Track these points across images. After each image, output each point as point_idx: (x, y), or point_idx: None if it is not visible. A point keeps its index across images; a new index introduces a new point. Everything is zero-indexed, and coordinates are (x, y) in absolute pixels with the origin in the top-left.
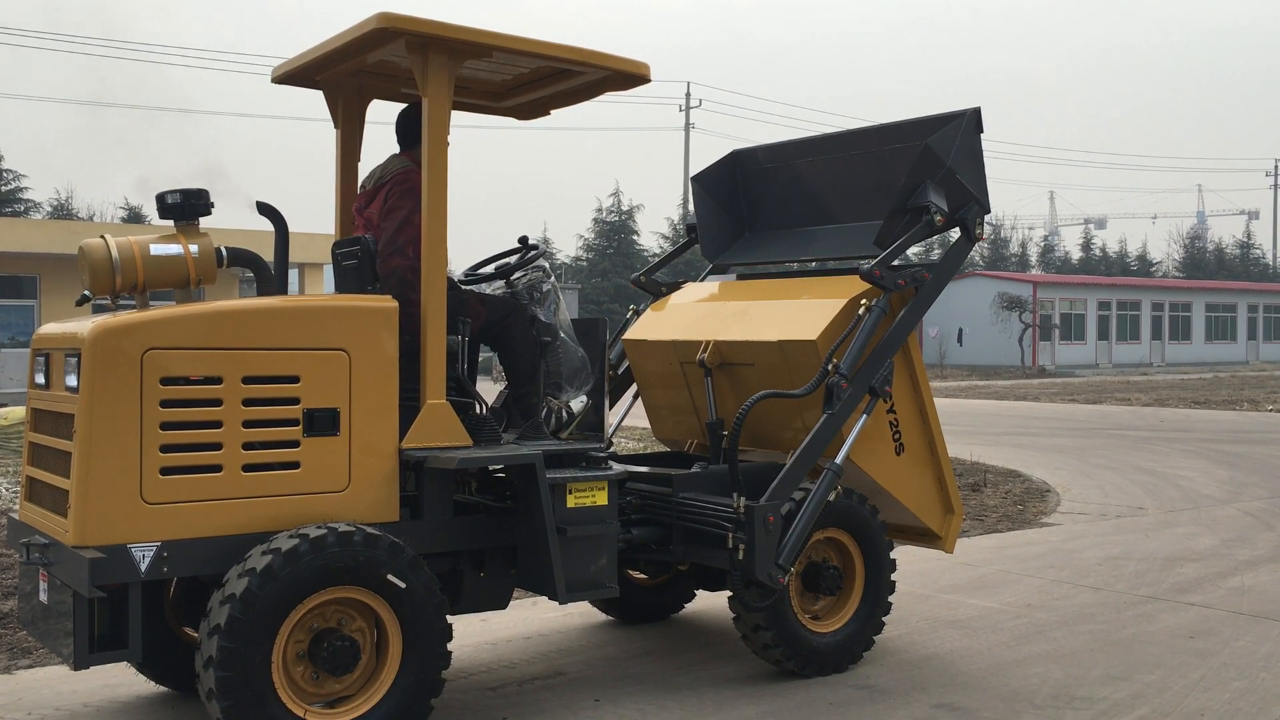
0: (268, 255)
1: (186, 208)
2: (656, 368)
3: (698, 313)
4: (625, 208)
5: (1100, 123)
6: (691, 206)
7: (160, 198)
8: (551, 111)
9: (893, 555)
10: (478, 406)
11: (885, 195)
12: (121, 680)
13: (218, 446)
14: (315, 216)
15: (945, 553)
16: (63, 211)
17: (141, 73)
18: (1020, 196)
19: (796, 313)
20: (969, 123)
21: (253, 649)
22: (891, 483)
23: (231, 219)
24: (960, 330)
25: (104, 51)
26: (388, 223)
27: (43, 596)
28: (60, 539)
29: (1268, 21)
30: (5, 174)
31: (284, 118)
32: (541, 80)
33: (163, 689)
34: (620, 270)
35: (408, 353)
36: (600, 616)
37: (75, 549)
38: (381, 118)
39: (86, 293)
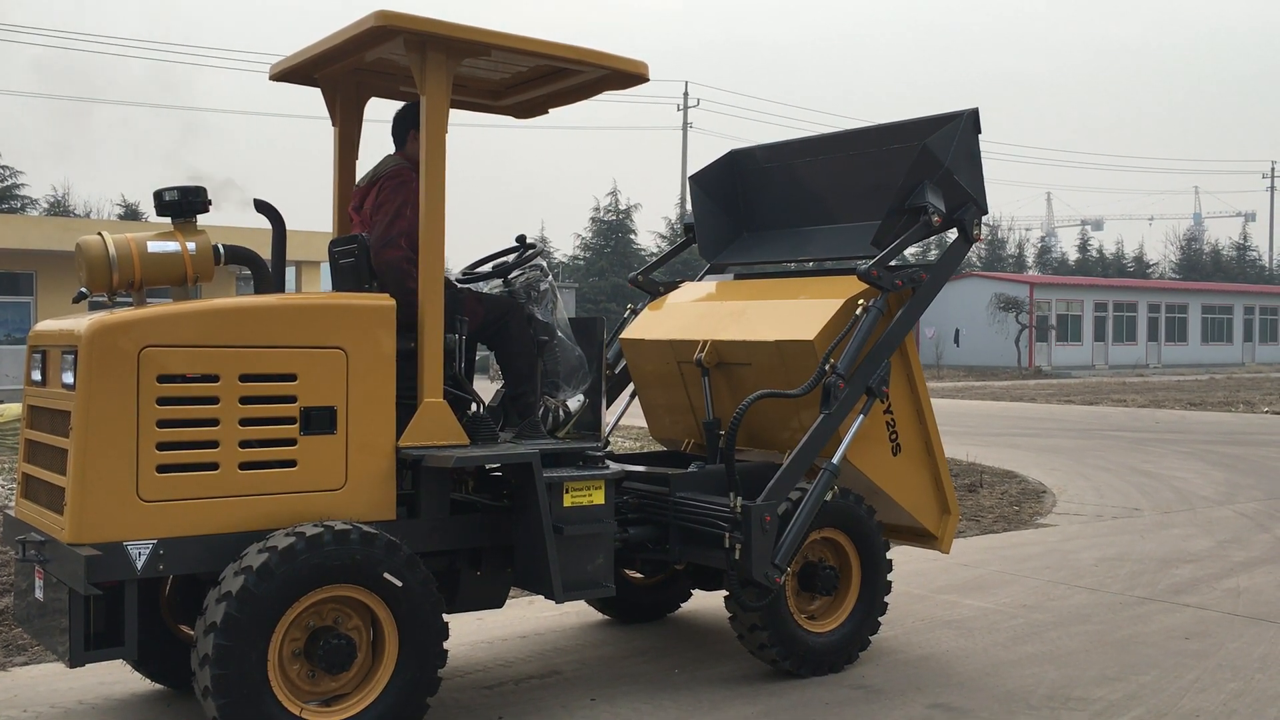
0: (265, 253)
1: (184, 205)
2: (653, 367)
3: (695, 312)
4: (623, 207)
5: (1097, 124)
6: (689, 206)
7: (158, 195)
8: (550, 110)
9: (889, 556)
10: (475, 405)
11: (883, 196)
12: (117, 678)
13: (214, 444)
14: (313, 214)
15: (941, 553)
16: (59, 208)
17: (139, 69)
18: (1017, 197)
19: (794, 313)
20: (967, 123)
21: (249, 647)
22: (888, 483)
23: (229, 217)
24: (957, 331)
25: (103, 48)
26: (379, 216)
27: (38, 594)
28: (56, 536)
29: (1266, 24)
30: (2, 170)
31: (282, 115)
32: (540, 79)
33: (158, 687)
34: (618, 269)
35: (408, 346)
36: (597, 615)
37: (71, 546)
38: (380, 116)
39: (84, 290)
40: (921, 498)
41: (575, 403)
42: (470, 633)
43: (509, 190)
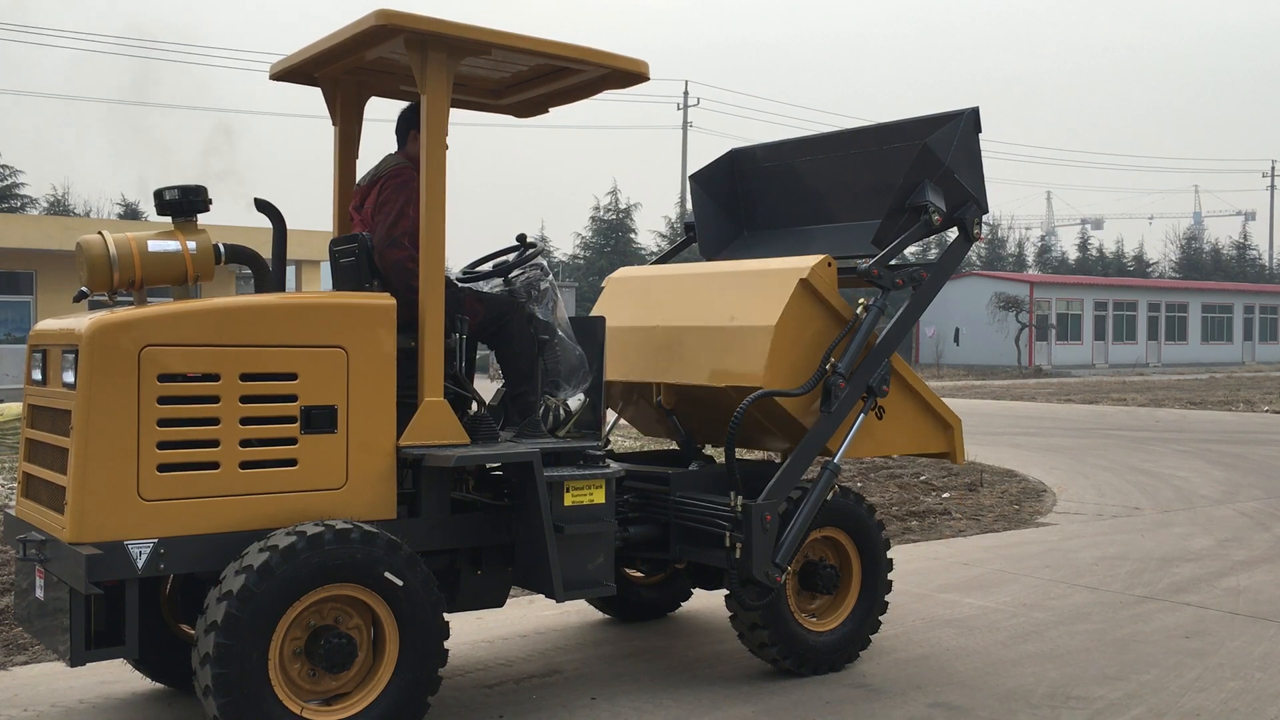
0: (266, 252)
1: (184, 204)
2: (619, 397)
3: (629, 343)
4: (623, 206)
5: (1097, 123)
6: (689, 205)
7: (158, 194)
8: (550, 109)
9: (890, 554)
10: (475, 404)
11: (883, 194)
12: (118, 677)
13: (215, 443)
14: (313, 214)
15: (956, 464)
16: (59, 207)
17: (139, 67)
18: (1017, 196)
19: (731, 344)
20: (967, 122)
21: (249, 646)
22: (887, 449)
23: (230, 216)
24: (957, 330)
25: (100, 46)
26: (381, 216)
27: (39, 593)
28: (57, 535)
29: (1266, 23)
30: (2, 169)
31: (283, 114)
32: (540, 78)
33: (159, 686)
34: (618, 268)
35: (410, 346)
36: (597, 614)
37: (72, 545)
38: (380, 115)
39: (84, 289)
40: (920, 435)
41: (576, 402)
42: (471, 632)
43: (509, 189)
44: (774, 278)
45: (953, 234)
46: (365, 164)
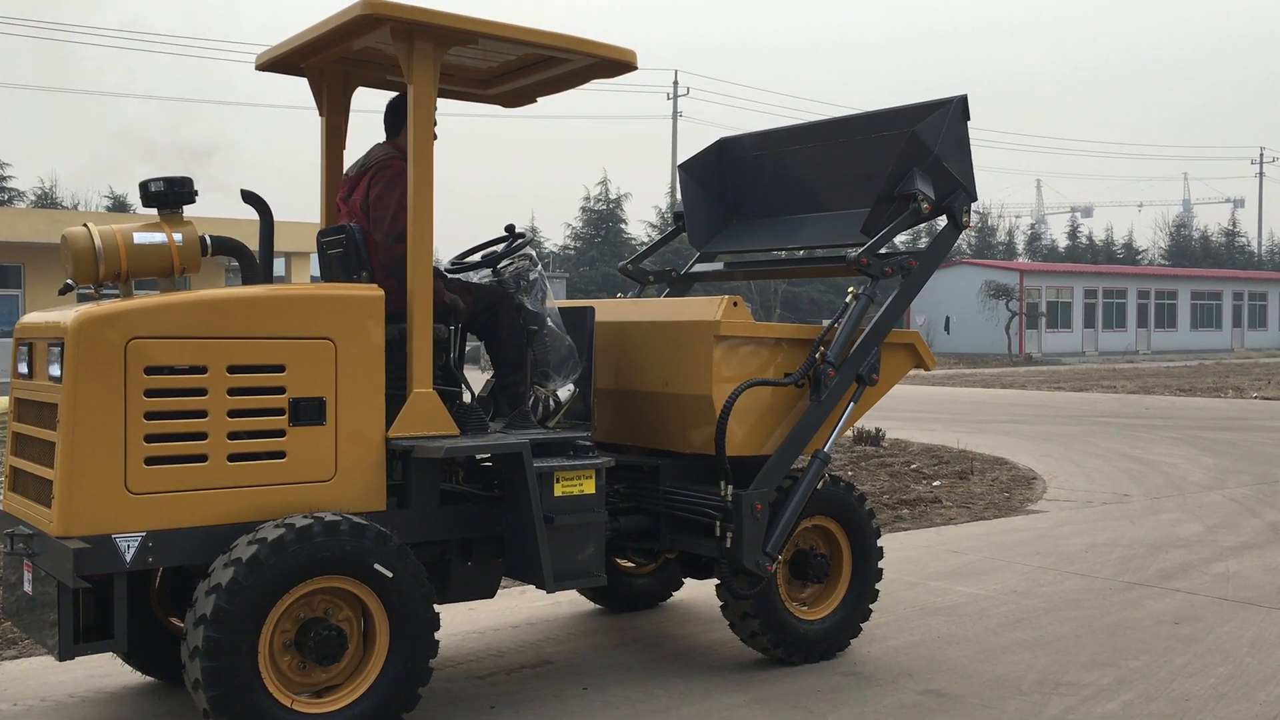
0: (253, 244)
1: (170, 196)
2: None
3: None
4: (613, 196)
5: (1087, 111)
6: (679, 195)
7: (144, 186)
8: (538, 99)
9: (880, 542)
10: (465, 395)
11: (872, 183)
12: (107, 671)
13: (203, 436)
14: (301, 205)
15: (929, 368)
16: (47, 200)
17: (124, 59)
18: (1007, 184)
19: (681, 412)
20: (956, 110)
21: (239, 639)
22: (874, 401)
23: (217, 207)
24: (947, 318)
25: (87, 38)
26: (379, 210)
27: (27, 587)
28: (44, 529)
29: (1256, 10)
30: None
31: (269, 105)
32: (528, 67)
33: (149, 679)
34: (608, 259)
35: (403, 339)
36: (588, 605)
37: (59, 539)
38: (367, 105)
39: (69, 281)
40: (894, 368)
41: (565, 392)
42: (462, 623)
43: (498, 180)
44: (687, 333)
45: (942, 222)
46: (352, 155)
